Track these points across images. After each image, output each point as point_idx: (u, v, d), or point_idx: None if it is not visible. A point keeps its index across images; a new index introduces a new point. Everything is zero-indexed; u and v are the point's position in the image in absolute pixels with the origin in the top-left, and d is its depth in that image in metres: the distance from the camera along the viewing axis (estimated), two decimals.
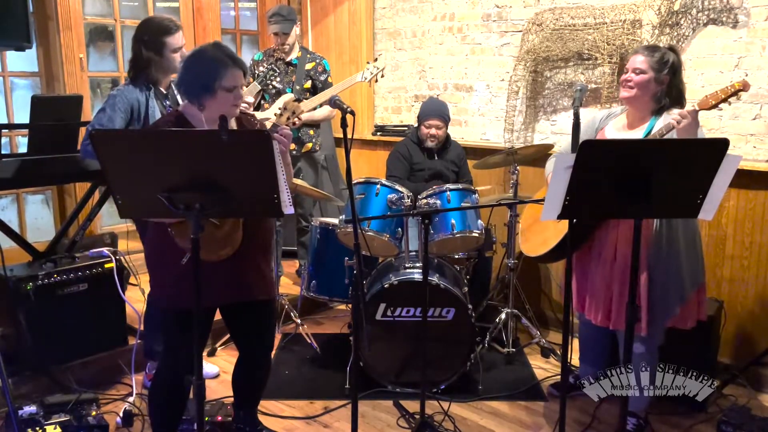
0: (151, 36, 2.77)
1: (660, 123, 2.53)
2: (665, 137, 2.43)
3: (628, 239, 2.55)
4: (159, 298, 2.35)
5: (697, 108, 2.35)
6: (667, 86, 2.54)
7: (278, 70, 3.68)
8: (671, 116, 2.44)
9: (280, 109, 3.58)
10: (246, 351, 2.53)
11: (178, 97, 2.89)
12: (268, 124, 2.69)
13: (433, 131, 3.67)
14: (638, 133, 2.58)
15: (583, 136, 2.71)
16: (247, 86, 3.99)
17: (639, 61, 2.55)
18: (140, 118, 2.76)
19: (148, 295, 2.82)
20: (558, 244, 2.76)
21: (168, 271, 2.22)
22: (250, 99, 2.73)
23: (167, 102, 2.88)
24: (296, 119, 3.65)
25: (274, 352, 3.53)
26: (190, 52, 2.26)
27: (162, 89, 2.86)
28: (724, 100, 2.32)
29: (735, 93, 2.31)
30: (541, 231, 2.92)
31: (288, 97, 3.93)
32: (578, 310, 2.83)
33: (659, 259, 2.55)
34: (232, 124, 2.31)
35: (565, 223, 2.28)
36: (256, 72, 4.04)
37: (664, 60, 2.53)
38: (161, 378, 2.39)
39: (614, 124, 2.71)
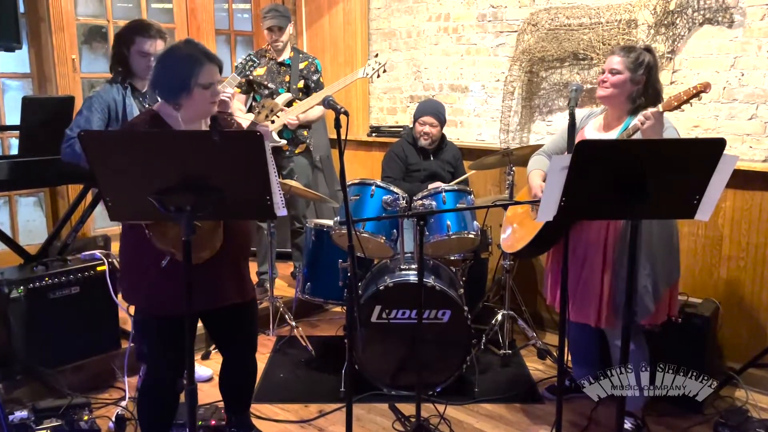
0: (126, 32, 2.77)
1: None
2: (633, 137, 2.45)
3: (597, 237, 2.60)
4: (138, 303, 2.28)
5: (661, 109, 2.38)
6: (643, 86, 2.57)
7: (257, 61, 3.66)
8: (638, 117, 2.45)
9: (259, 107, 3.56)
10: (231, 355, 2.50)
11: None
12: (246, 123, 2.65)
13: (426, 129, 3.65)
14: (613, 134, 2.61)
15: (564, 135, 2.73)
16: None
17: (615, 61, 2.58)
18: (119, 117, 2.74)
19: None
20: (533, 240, 2.76)
21: (146, 275, 2.16)
22: (230, 90, 2.70)
23: (144, 100, 2.85)
24: (275, 117, 3.63)
25: (268, 355, 3.54)
26: (162, 52, 2.20)
27: (139, 88, 2.84)
28: (686, 101, 2.36)
29: (696, 94, 2.34)
30: (520, 226, 2.92)
31: (287, 96, 3.91)
32: (551, 304, 2.85)
33: (624, 257, 2.54)
34: (209, 123, 2.26)
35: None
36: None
37: (639, 60, 2.55)
38: (147, 384, 2.36)
39: (593, 124, 2.74)
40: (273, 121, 3.65)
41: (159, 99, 2.19)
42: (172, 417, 2.41)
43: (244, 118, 2.98)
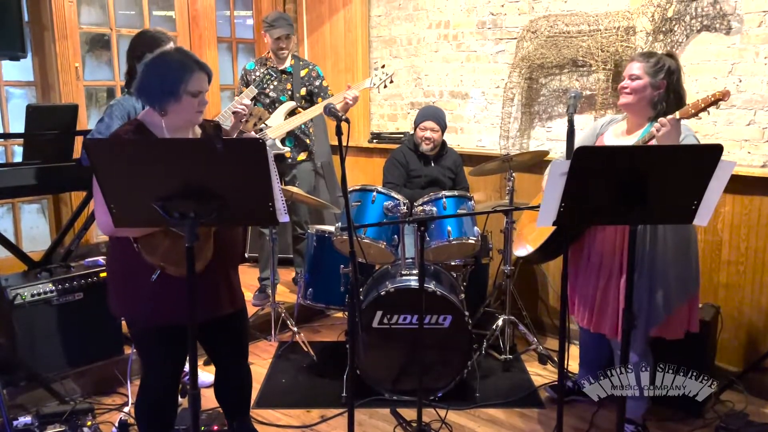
0: (144, 50, 2.77)
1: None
2: (648, 144, 2.44)
3: (612, 245, 2.59)
4: (132, 316, 2.26)
5: (678, 117, 2.35)
6: (664, 91, 2.53)
7: (274, 74, 3.69)
8: (654, 124, 2.45)
9: (247, 115, 3.59)
10: (224, 364, 2.49)
11: None
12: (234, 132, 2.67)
13: (427, 134, 3.67)
14: (633, 139, 2.59)
15: (584, 141, 2.74)
16: (239, 92, 4.01)
17: (635, 67, 2.55)
18: None
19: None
20: (543, 245, 2.76)
21: (139, 288, 2.13)
22: (247, 101, 2.73)
23: None
24: (263, 125, 3.66)
25: (270, 361, 3.56)
26: (151, 56, 2.16)
27: None
28: (704, 109, 2.32)
29: (715, 102, 2.29)
30: (530, 232, 2.93)
31: (290, 104, 3.94)
32: (581, 323, 2.83)
33: (640, 264, 2.54)
34: (196, 131, 2.25)
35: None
36: (249, 79, 4.05)
37: (659, 65, 2.52)
38: (144, 395, 2.34)
39: (614, 130, 2.71)
40: (261, 129, 3.69)
41: (145, 105, 2.16)
42: (172, 423, 2.42)
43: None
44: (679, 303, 2.59)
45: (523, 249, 2.98)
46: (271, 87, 3.96)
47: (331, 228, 3.48)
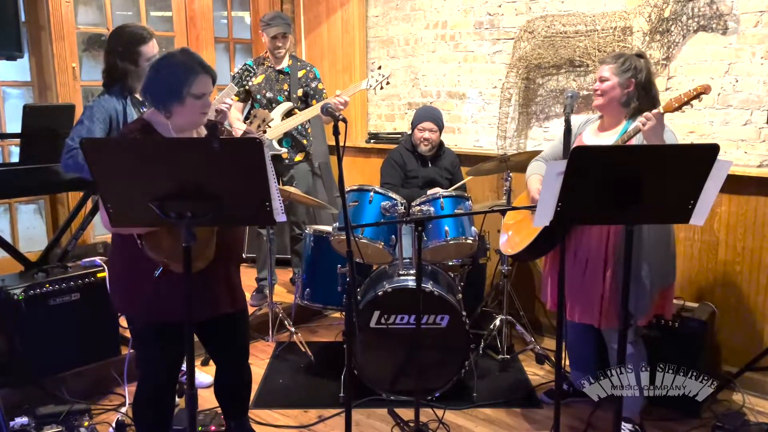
0: (125, 47, 2.71)
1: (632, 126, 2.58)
2: (633, 139, 2.49)
3: (598, 239, 2.63)
4: (133, 312, 2.28)
5: (662, 111, 2.40)
6: (633, 89, 2.59)
7: (252, 72, 3.67)
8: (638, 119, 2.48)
9: (251, 117, 3.59)
10: (224, 364, 2.50)
11: None
12: (239, 133, 2.66)
13: (426, 135, 3.67)
14: (611, 136, 2.64)
15: (562, 141, 2.77)
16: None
17: (605, 69, 2.64)
18: (119, 126, 2.73)
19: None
20: (532, 242, 2.78)
21: (141, 286, 2.15)
22: (229, 101, 2.70)
23: (144, 109, 2.86)
24: (267, 127, 3.66)
25: (268, 361, 3.56)
26: (157, 58, 2.20)
27: (138, 97, 2.84)
28: (687, 103, 2.39)
29: (697, 96, 2.37)
30: (519, 230, 2.94)
31: (287, 105, 3.94)
32: (552, 309, 2.85)
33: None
34: (201, 132, 2.26)
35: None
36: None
37: (626, 65, 2.59)
38: (143, 394, 2.34)
39: (590, 129, 2.77)
40: (265, 131, 3.68)
41: (150, 105, 2.18)
42: (170, 423, 2.42)
43: (237, 128, 2.99)
44: (658, 292, 2.66)
45: (510, 249, 2.98)
46: (250, 84, 3.93)
47: (328, 228, 3.48)
